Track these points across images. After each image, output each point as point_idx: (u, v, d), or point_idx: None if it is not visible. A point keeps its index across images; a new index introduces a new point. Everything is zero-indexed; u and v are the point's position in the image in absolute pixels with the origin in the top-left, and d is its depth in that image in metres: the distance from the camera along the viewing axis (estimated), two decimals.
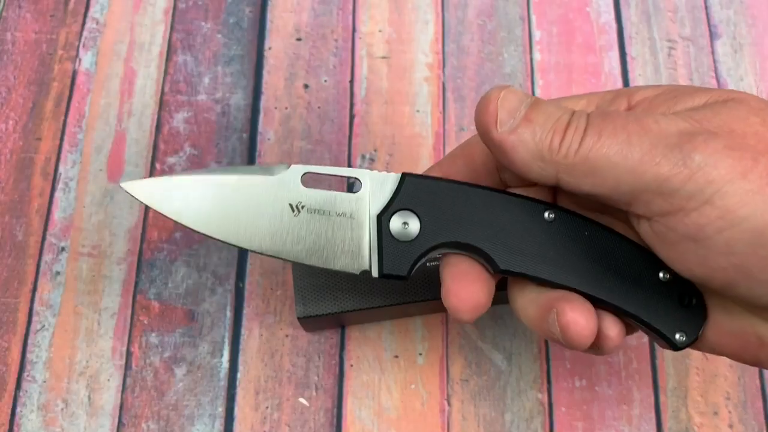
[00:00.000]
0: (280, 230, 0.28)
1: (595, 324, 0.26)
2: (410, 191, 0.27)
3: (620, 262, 0.27)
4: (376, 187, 0.28)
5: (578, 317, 0.25)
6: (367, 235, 0.27)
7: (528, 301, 0.27)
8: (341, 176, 0.28)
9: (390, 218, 0.27)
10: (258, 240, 0.28)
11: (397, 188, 0.27)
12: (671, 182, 0.22)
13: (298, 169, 0.28)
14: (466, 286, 0.27)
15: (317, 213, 0.28)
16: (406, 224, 0.27)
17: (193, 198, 0.28)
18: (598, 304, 0.27)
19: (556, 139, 0.24)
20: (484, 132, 0.25)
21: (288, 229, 0.28)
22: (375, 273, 0.28)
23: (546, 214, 0.27)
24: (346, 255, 0.28)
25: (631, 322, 0.27)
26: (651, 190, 0.23)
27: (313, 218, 0.28)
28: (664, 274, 0.26)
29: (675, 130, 0.23)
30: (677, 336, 0.26)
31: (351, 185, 0.43)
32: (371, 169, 0.28)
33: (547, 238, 0.27)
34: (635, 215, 0.25)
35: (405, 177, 0.28)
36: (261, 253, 0.28)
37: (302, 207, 0.28)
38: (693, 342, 0.27)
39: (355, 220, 0.27)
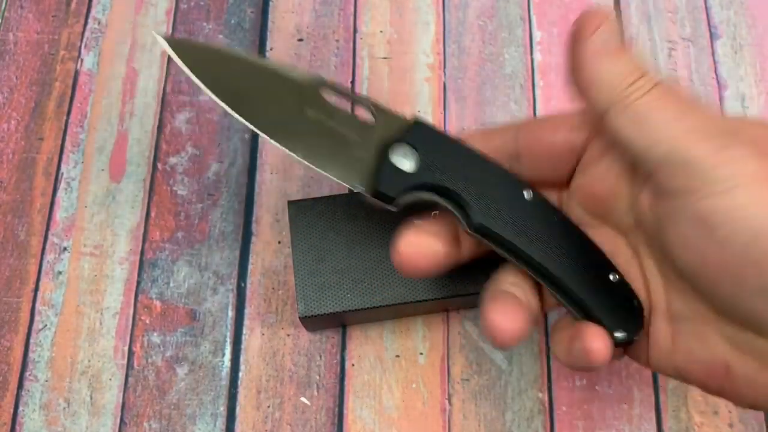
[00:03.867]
0: (290, 122, 0.30)
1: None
2: (418, 134, 0.30)
3: (581, 253, 0.29)
4: (389, 122, 0.30)
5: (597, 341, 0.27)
6: (369, 158, 0.30)
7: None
8: (358, 104, 0.31)
9: (393, 148, 0.29)
10: (264, 122, 0.30)
11: (407, 129, 0.30)
12: (702, 162, 0.24)
13: (319, 80, 0.30)
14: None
15: (326, 123, 0.30)
16: (406, 156, 0.29)
17: (221, 69, 0.30)
18: (555, 288, 0.29)
19: (632, 77, 0.25)
20: (575, 38, 0.27)
21: (297, 124, 0.30)
22: (368, 190, 0.30)
23: (525, 192, 0.29)
24: (344, 167, 0.30)
25: (577, 312, 0.29)
26: (681, 163, 0.24)
27: (321, 126, 0.30)
28: (613, 276, 0.29)
29: (724, 126, 0.25)
30: (617, 333, 0.28)
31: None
32: (381, 108, 0.30)
33: (523, 211, 0.29)
34: (652, 188, 0.26)
35: (416, 122, 0.30)
36: (265, 136, 0.30)
37: (315, 114, 0.30)
38: (630, 342, 0.29)
39: (362, 142, 0.30)
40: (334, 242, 0.38)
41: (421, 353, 0.41)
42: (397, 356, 0.41)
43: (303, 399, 0.40)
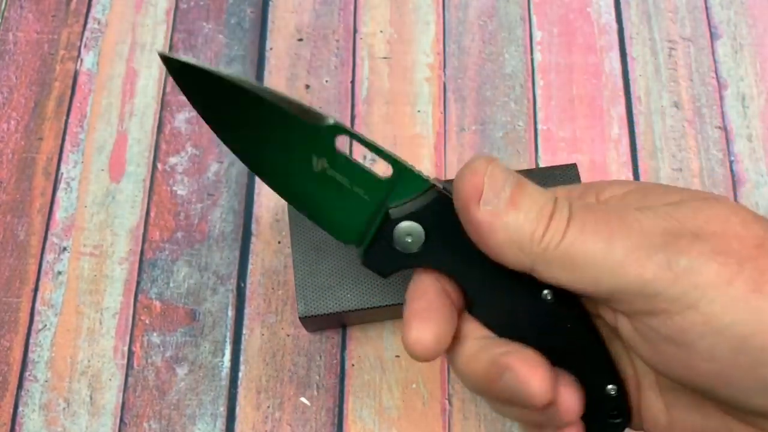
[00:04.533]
0: (293, 171, 0.26)
1: (553, 385, 0.24)
2: (429, 206, 0.25)
3: (585, 359, 0.26)
4: (403, 181, 0.25)
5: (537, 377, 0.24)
6: (370, 219, 0.26)
7: (470, 357, 0.26)
8: (377, 155, 0.26)
9: (398, 223, 0.26)
10: (266, 167, 0.26)
11: (420, 195, 0.25)
12: (655, 285, 0.21)
13: (335, 127, 0.25)
14: (431, 320, 0.25)
15: (335, 177, 0.26)
16: (409, 236, 0.26)
17: (225, 96, 0.25)
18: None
19: (540, 229, 0.23)
20: (464, 206, 0.23)
21: (301, 174, 0.26)
22: (360, 255, 0.27)
23: (545, 292, 0.25)
24: (341, 224, 0.26)
25: None
26: (632, 291, 0.22)
27: (329, 179, 0.26)
28: (612, 388, 0.26)
29: (659, 229, 0.22)
30: None
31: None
32: (399, 162, 0.26)
33: (532, 313, 0.26)
34: (614, 311, 0.24)
35: (431, 189, 0.26)
36: (261, 179, 0.27)
37: (325, 165, 0.26)
38: None
39: (367, 202, 0.26)
40: (334, 242, 0.38)
41: None
42: (397, 356, 0.41)
43: (303, 399, 0.40)
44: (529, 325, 0.26)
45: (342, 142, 0.26)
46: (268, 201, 0.44)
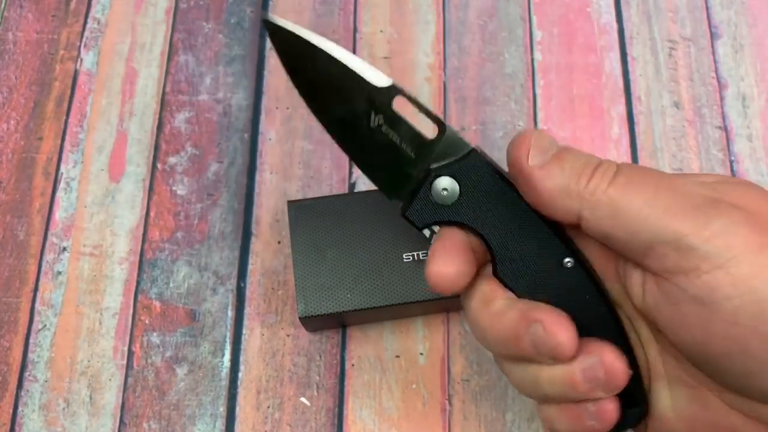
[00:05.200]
0: (351, 122, 0.29)
1: (577, 339, 0.26)
2: (467, 166, 0.28)
3: (601, 334, 0.27)
4: (447, 145, 0.28)
5: (564, 329, 0.25)
6: (414, 175, 0.29)
7: (497, 314, 0.27)
8: (428, 117, 0.29)
9: (438, 177, 0.28)
10: (333, 120, 0.30)
11: (461, 157, 0.28)
12: (690, 239, 0.22)
13: (394, 90, 0.29)
14: (453, 258, 0.27)
15: (389, 134, 0.29)
16: (445, 190, 0.28)
17: (311, 50, 0.30)
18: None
19: (585, 176, 0.25)
20: (514, 163, 0.26)
21: (360, 128, 0.29)
22: (401, 207, 0.29)
23: (566, 260, 0.27)
24: (386, 177, 0.29)
25: None
26: (669, 244, 0.23)
27: (384, 137, 0.29)
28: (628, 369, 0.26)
29: (701, 192, 0.23)
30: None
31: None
32: (449, 128, 0.29)
33: (553, 280, 0.27)
34: (645, 269, 0.25)
35: (472, 152, 0.28)
36: (323, 126, 0.30)
37: (381, 121, 0.29)
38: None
39: (414, 159, 0.29)
40: (334, 242, 0.38)
41: (421, 353, 0.41)
42: (397, 356, 0.41)
43: (303, 399, 0.40)
44: (550, 290, 0.27)
45: (399, 104, 0.29)
46: (268, 201, 0.44)
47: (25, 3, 0.49)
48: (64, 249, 0.43)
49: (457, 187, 0.28)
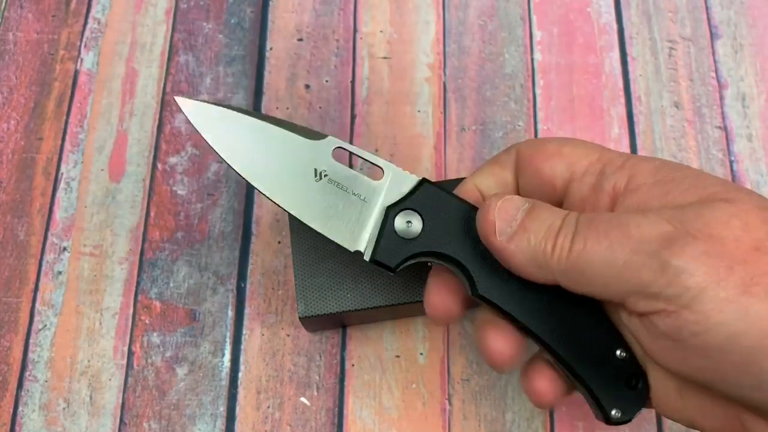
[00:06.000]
0: (298, 188, 0.30)
1: (558, 391, 0.29)
2: (423, 196, 0.29)
3: (586, 327, 0.28)
4: (395, 182, 0.30)
5: (545, 385, 0.29)
6: (373, 221, 0.30)
7: (500, 346, 0.30)
8: (368, 161, 0.31)
9: (397, 213, 0.29)
10: (276, 190, 0.30)
11: (412, 190, 0.29)
12: (652, 287, 0.23)
13: (332, 142, 0.30)
14: (443, 298, 0.30)
15: (336, 185, 0.30)
16: (409, 223, 0.29)
17: (234, 133, 0.30)
18: (555, 358, 0.29)
19: (549, 245, 0.26)
20: (485, 239, 0.28)
21: (306, 189, 0.30)
22: (367, 257, 0.30)
23: None
24: (347, 231, 0.30)
25: (576, 384, 0.29)
26: (635, 293, 0.24)
27: (331, 189, 0.30)
28: (620, 352, 0.28)
29: (656, 234, 0.24)
30: (613, 412, 0.28)
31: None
32: (390, 165, 0.30)
33: (528, 283, 0.28)
34: (627, 311, 0.26)
35: (423, 182, 0.29)
36: (273, 201, 0.30)
37: (325, 175, 0.30)
38: (626, 422, 0.28)
39: (367, 204, 0.30)
40: (334, 243, 0.38)
41: (421, 353, 0.41)
42: (397, 356, 0.41)
43: (303, 399, 0.40)
44: (531, 295, 0.28)
45: (338, 155, 0.30)
46: (268, 201, 0.44)
47: (26, 3, 0.49)
48: (65, 249, 0.43)
49: (419, 218, 0.29)
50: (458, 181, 0.40)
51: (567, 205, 0.29)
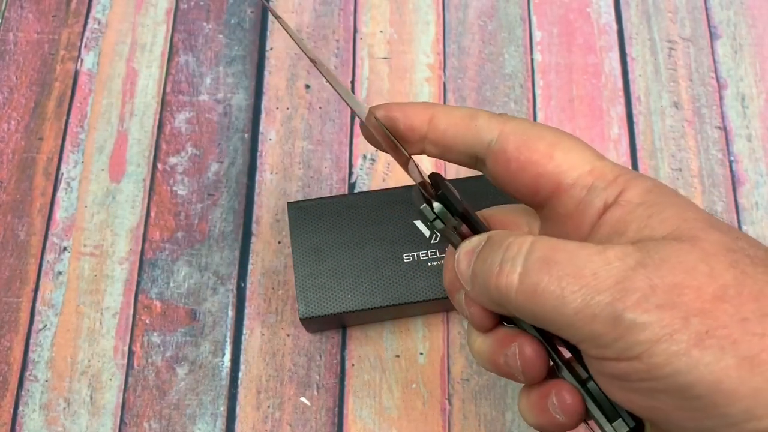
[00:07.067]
0: None
1: (547, 363, 0.27)
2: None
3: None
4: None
5: (535, 354, 0.27)
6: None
7: (483, 338, 0.29)
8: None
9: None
10: None
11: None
12: (603, 339, 0.23)
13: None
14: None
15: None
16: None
17: None
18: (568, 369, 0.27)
19: (493, 288, 0.25)
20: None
21: None
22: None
23: None
24: None
25: (584, 392, 0.27)
26: (586, 342, 0.24)
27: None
28: None
29: (612, 281, 0.23)
30: (614, 424, 0.27)
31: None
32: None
33: None
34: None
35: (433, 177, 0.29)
36: None
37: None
38: None
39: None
40: (334, 243, 0.38)
41: (421, 353, 0.41)
42: (397, 356, 0.41)
43: (303, 399, 0.40)
44: None
45: None
46: (268, 201, 0.44)
47: (26, 3, 0.49)
48: (65, 249, 0.43)
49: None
50: (459, 181, 0.40)
51: (546, 212, 0.28)
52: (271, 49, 0.48)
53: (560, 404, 0.27)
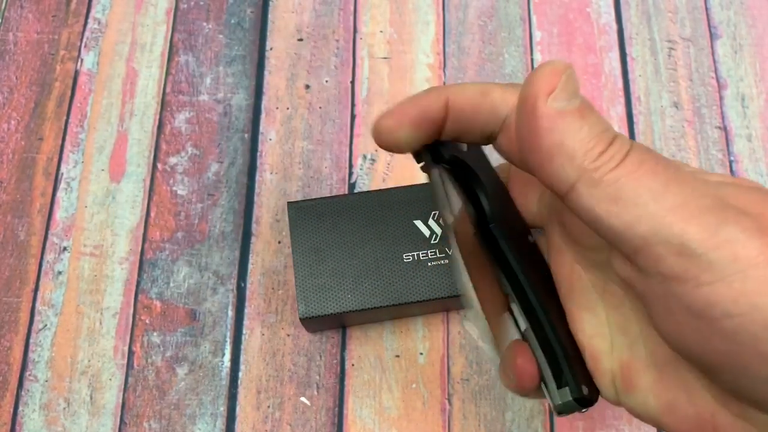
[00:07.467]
0: None
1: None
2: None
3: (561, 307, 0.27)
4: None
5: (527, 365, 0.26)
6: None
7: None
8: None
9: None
10: None
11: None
12: (695, 244, 0.20)
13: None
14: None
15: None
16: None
17: None
18: (531, 324, 0.27)
19: (598, 147, 0.22)
20: (529, 98, 0.22)
21: None
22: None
23: (529, 237, 0.29)
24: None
25: (542, 354, 0.27)
26: (669, 245, 0.20)
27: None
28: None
29: (708, 192, 0.21)
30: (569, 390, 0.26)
31: None
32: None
33: (526, 246, 0.28)
34: (636, 267, 0.22)
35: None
36: None
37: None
38: (585, 404, 0.26)
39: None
40: (334, 243, 0.38)
41: (421, 353, 0.41)
42: (397, 356, 0.41)
43: (303, 399, 0.40)
44: (518, 248, 0.28)
45: None
46: (268, 201, 0.44)
47: (26, 3, 0.49)
48: (65, 249, 0.43)
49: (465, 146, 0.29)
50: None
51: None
52: (271, 49, 0.48)
53: (515, 366, 0.26)
